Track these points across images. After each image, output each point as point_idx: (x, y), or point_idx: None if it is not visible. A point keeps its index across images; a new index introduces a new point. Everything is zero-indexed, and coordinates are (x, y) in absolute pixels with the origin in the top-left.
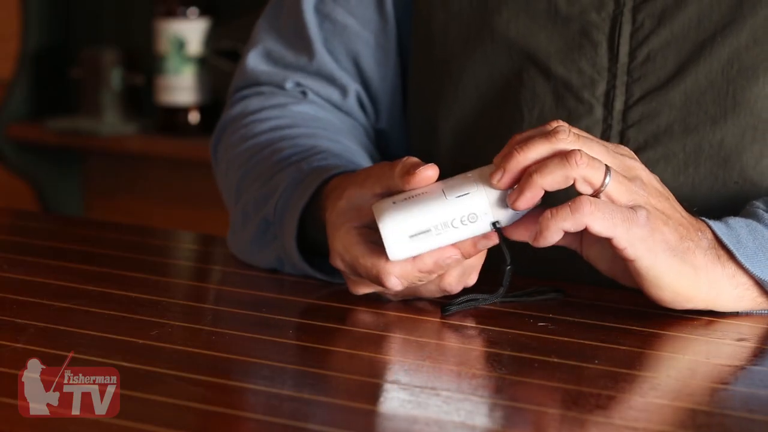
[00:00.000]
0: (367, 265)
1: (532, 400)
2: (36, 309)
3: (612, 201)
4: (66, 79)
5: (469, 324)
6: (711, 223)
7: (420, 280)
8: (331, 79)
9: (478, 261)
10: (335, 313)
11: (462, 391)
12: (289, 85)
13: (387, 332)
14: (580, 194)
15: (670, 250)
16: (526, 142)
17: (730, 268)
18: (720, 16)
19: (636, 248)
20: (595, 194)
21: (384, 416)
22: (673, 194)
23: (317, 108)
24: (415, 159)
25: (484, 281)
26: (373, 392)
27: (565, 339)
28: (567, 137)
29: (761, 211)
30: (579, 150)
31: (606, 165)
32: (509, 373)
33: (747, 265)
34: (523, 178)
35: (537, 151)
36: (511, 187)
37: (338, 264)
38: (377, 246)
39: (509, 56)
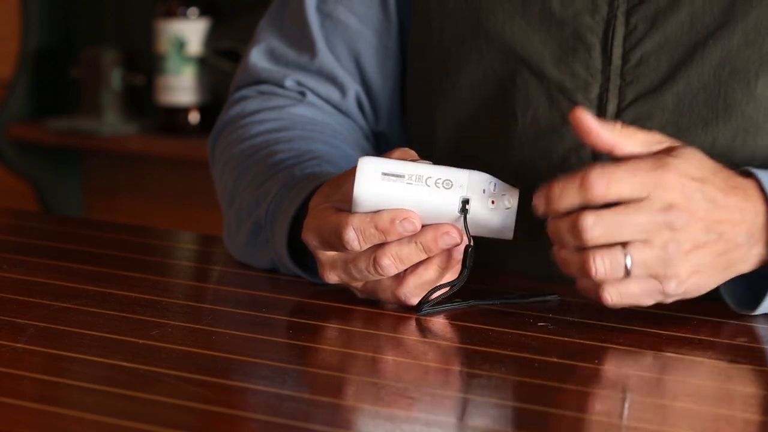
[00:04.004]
0: (331, 219)
1: (532, 400)
2: (36, 309)
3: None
4: (66, 79)
5: (468, 324)
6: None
7: (376, 240)
8: (331, 79)
9: (436, 276)
10: (336, 312)
11: (462, 390)
12: (289, 83)
13: (386, 332)
14: None
15: (714, 279)
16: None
17: None
18: (712, 18)
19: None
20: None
21: (384, 416)
22: None
23: (315, 110)
24: (411, 152)
25: (471, 281)
26: (373, 392)
27: (565, 339)
28: (590, 234)
29: None
30: (594, 257)
31: (625, 256)
32: (509, 373)
33: None
34: (556, 257)
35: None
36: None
37: (309, 238)
38: (345, 210)
39: (503, 58)
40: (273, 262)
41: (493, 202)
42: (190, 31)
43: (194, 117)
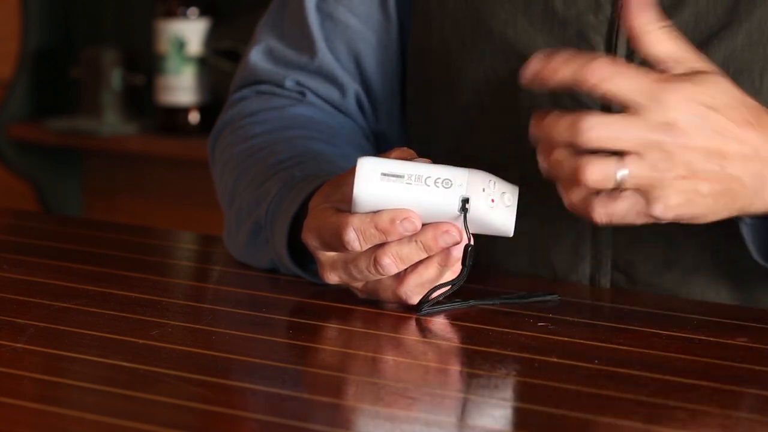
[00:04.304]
0: (331, 220)
1: (532, 400)
2: (36, 309)
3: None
4: (66, 79)
5: (468, 324)
6: None
7: (377, 241)
8: (331, 78)
9: (436, 274)
10: (336, 312)
11: (462, 390)
12: (288, 83)
13: (386, 332)
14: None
15: (713, 211)
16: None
17: None
18: (716, 18)
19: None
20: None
21: (384, 416)
22: None
23: (315, 110)
24: (410, 151)
25: (471, 281)
26: (373, 392)
27: (565, 339)
28: (586, 136)
29: None
30: (588, 163)
31: (618, 168)
32: (509, 373)
33: None
34: (545, 157)
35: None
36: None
37: (309, 239)
38: (345, 210)
39: (505, 58)
40: (273, 262)
41: (492, 201)
42: (190, 31)
43: (194, 117)
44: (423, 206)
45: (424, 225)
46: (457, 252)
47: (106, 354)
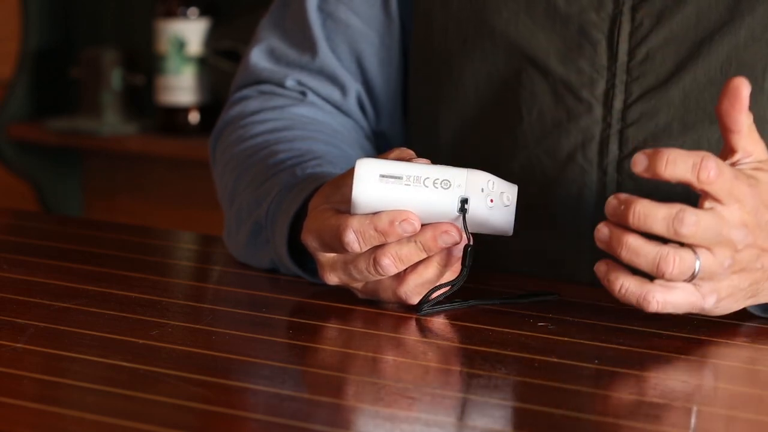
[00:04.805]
0: (330, 222)
1: (532, 400)
2: (36, 309)
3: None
4: (66, 79)
5: (468, 324)
6: None
7: (376, 242)
8: (332, 78)
9: (436, 274)
10: (336, 312)
11: (462, 390)
12: (289, 83)
13: (386, 332)
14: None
15: (739, 304)
16: (648, 211)
17: None
18: (718, 14)
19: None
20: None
21: (384, 416)
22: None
23: (316, 110)
24: (409, 151)
25: (471, 281)
26: (373, 392)
27: (565, 339)
28: (689, 230)
29: None
30: (674, 256)
31: (695, 261)
32: (509, 373)
33: None
34: (617, 243)
35: (650, 226)
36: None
37: (308, 240)
38: (344, 211)
39: (508, 55)
40: (273, 262)
41: (492, 201)
42: (190, 31)
43: (194, 117)
44: (422, 207)
45: (423, 225)
46: (458, 252)
47: (106, 354)
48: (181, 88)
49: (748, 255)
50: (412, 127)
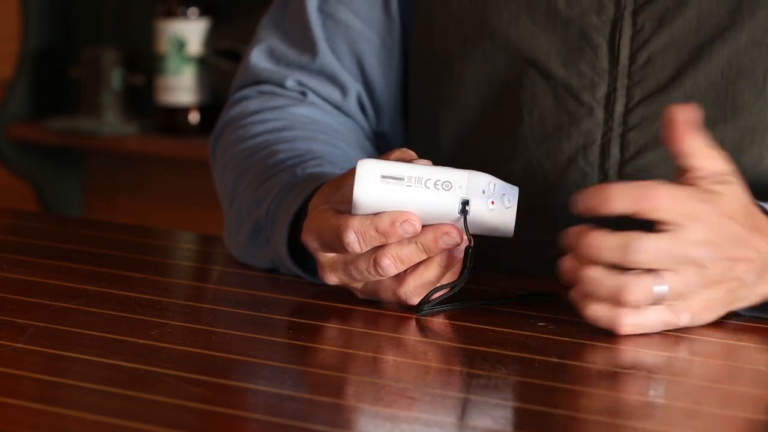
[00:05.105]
0: (331, 222)
1: (532, 400)
2: (36, 309)
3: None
4: (66, 79)
5: (468, 324)
6: None
7: (377, 243)
8: (332, 78)
9: (437, 275)
10: (336, 312)
11: (462, 390)
12: (289, 83)
13: (386, 332)
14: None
15: (718, 314)
16: (601, 245)
17: None
18: (719, 18)
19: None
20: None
21: (384, 416)
22: None
23: (316, 110)
24: (410, 152)
25: (471, 282)
26: (373, 392)
27: (565, 339)
28: (641, 257)
29: None
30: (631, 284)
31: (655, 283)
32: (509, 373)
33: None
34: (577, 277)
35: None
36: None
37: (309, 240)
38: (345, 212)
39: (509, 58)
40: (273, 262)
41: (492, 203)
42: (190, 31)
43: (194, 117)
44: (423, 208)
45: (424, 226)
46: (458, 253)
47: (106, 354)
48: (181, 88)
49: (719, 268)
50: (413, 128)
